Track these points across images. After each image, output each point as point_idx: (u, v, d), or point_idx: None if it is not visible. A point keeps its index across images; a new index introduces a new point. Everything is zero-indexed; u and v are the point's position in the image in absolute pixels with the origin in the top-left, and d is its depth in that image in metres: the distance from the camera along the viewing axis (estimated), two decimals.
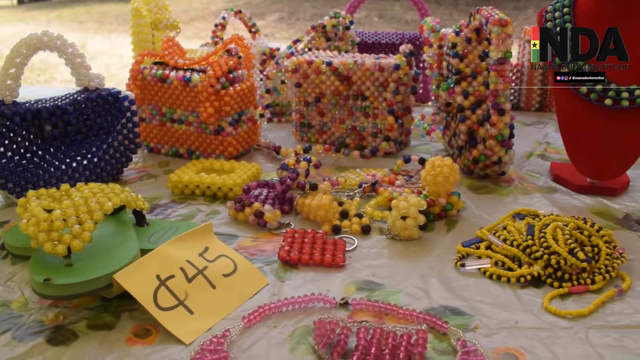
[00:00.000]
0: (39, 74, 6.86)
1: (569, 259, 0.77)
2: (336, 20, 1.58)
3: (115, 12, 13.09)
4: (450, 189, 0.97)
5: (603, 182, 1.09)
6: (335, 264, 0.84)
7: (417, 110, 1.67)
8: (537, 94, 1.68)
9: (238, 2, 13.03)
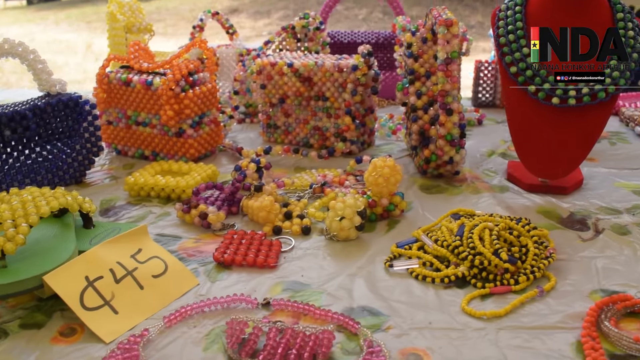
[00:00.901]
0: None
1: (493, 259, 0.77)
2: (305, 21, 1.59)
3: None
4: (392, 190, 0.98)
5: (554, 180, 1.09)
6: (266, 265, 0.85)
7: (388, 110, 1.67)
8: None
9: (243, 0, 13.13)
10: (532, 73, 1.05)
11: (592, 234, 0.93)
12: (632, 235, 0.92)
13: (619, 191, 1.11)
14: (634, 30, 1.06)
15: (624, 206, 1.03)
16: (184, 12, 12.22)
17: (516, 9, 1.11)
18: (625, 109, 1.63)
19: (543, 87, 1.04)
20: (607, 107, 1.04)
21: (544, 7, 1.09)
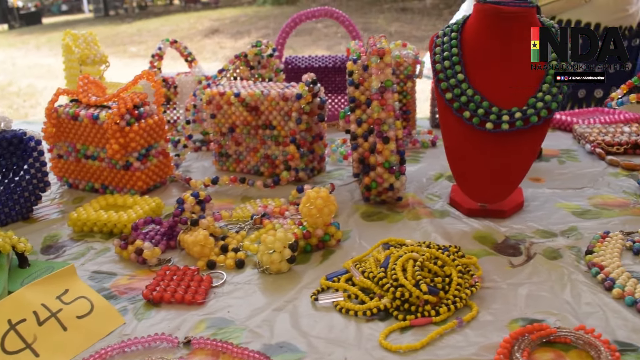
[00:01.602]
0: (24, 99, 6.93)
1: (414, 291, 0.77)
2: (258, 49, 1.60)
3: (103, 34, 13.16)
4: (327, 220, 0.98)
5: (492, 204, 1.10)
6: (194, 302, 0.85)
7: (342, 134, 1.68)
8: None
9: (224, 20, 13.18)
10: (466, 99, 1.06)
11: (524, 260, 0.93)
12: (563, 259, 0.93)
13: (559, 212, 1.11)
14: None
15: (560, 229, 1.04)
16: (165, 34, 12.26)
17: (452, 35, 1.12)
18: (578, 126, 1.65)
19: (477, 112, 1.05)
20: (540, 130, 1.05)
21: (479, 33, 1.10)
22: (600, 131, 1.59)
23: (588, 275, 0.88)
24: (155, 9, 19.73)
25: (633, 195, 1.19)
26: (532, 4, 1.08)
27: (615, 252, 0.93)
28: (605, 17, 2.08)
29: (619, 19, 2.10)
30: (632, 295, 0.80)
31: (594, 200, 1.17)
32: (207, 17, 13.98)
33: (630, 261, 0.92)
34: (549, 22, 1.11)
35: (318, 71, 1.87)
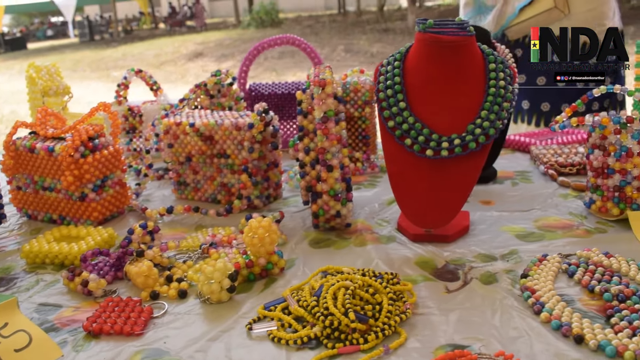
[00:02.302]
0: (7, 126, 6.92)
1: (343, 319, 0.79)
2: (217, 78, 1.62)
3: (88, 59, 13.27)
4: (269, 249, 1.00)
5: (437, 229, 1.12)
6: (132, 333, 0.86)
7: None
8: None
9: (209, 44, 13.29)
10: (408, 127, 1.09)
11: (460, 285, 0.95)
12: (498, 283, 0.94)
13: (503, 236, 1.13)
14: (505, 80, 1.10)
15: (501, 252, 1.06)
16: (150, 58, 12.37)
17: (395, 64, 1.15)
18: (535, 147, 1.67)
19: (418, 140, 1.07)
20: (479, 156, 1.08)
21: (420, 60, 1.13)
22: (556, 152, 1.62)
23: (520, 299, 0.89)
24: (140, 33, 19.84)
25: (579, 217, 1.21)
26: (471, 32, 1.10)
27: (550, 275, 0.95)
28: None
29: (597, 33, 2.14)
30: (559, 319, 0.82)
31: (540, 222, 1.19)
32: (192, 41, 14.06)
33: (565, 284, 0.94)
34: (488, 50, 1.14)
35: (282, 98, 1.89)
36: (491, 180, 1.50)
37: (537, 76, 2.20)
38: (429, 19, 1.12)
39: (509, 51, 1.48)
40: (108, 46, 15.48)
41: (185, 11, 23.19)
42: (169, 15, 22.93)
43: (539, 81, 2.19)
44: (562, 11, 2.08)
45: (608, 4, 2.17)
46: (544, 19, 2.11)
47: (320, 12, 23.61)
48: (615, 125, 1.15)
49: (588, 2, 2.12)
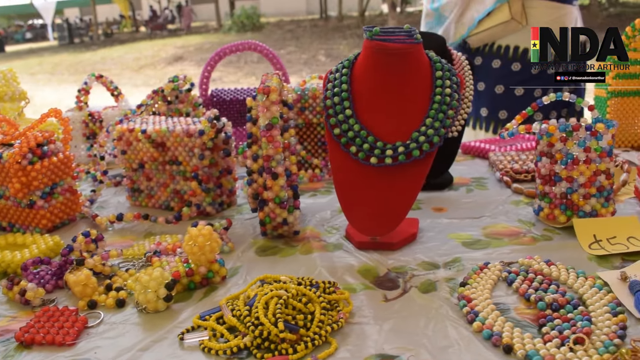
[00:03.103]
0: None
1: (272, 329, 0.78)
2: (174, 84, 1.61)
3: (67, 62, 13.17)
4: (210, 258, 0.99)
5: (383, 237, 1.11)
6: (64, 343, 0.85)
7: None
8: None
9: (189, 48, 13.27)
10: (353, 134, 1.09)
11: (399, 293, 0.95)
12: (437, 292, 0.94)
13: (449, 243, 1.13)
14: (451, 87, 1.10)
15: (444, 260, 1.06)
16: (129, 61, 12.31)
17: (343, 71, 1.14)
18: (493, 153, 1.68)
19: (363, 147, 1.07)
20: (423, 164, 1.08)
21: (367, 68, 1.13)
22: (513, 158, 1.62)
23: (456, 308, 0.89)
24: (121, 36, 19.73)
25: (527, 224, 1.21)
26: (418, 40, 1.10)
27: (489, 283, 0.95)
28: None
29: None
30: (491, 328, 0.82)
31: (488, 230, 1.20)
32: (172, 45, 14.01)
33: (504, 293, 0.94)
34: (436, 58, 1.14)
35: (244, 104, 1.89)
36: (447, 186, 1.50)
37: (495, 84, 2.22)
38: (376, 26, 1.12)
39: (465, 58, 1.49)
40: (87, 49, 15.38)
41: (166, 15, 23.12)
42: (150, 19, 22.83)
43: (497, 89, 2.21)
44: (519, 22, 2.10)
45: (569, 15, 2.20)
46: (502, 30, 2.13)
47: (301, 17, 23.63)
48: (561, 133, 1.16)
49: (548, 13, 2.14)
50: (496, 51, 2.21)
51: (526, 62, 2.18)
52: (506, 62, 2.20)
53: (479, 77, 2.26)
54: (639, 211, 1.28)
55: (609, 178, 1.17)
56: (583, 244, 1.10)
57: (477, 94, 2.27)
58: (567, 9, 2.19)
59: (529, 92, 2.18)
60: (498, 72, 2.22)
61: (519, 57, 2.18)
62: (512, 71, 2.20)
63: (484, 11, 2.14)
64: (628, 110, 1.82)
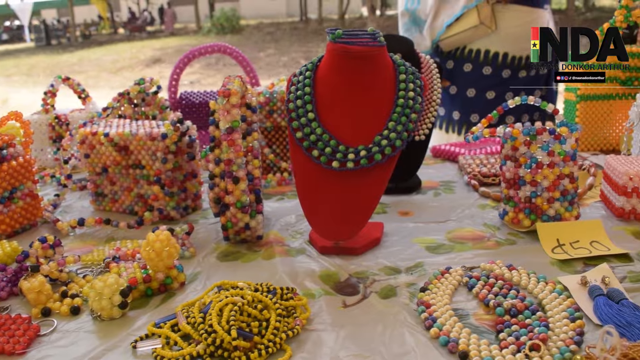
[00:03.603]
0: None
1: (225, 336, 0.77)
2: (140, 86, 1.59)
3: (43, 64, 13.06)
4: (168, 263, 0.97)
5: (346, 242, 1.10)
6: (14, 352, 0.83)
7: None
8: None
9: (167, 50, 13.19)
10: (315, 138, 1.07)
11: (359, 299, 0.94)
12: (397, 298, 0.93)
13: (413, 248, 1.13)
14: (415, 91, 1.10)
15: (407, 265, 1.05)
16: (107, 64, 12.21)
17: (306, 74, 1.13)
18: (462, 157, 1.68)
19: (325, 151, 1.06)
20: (385, 168, 1.07)
21: (331, 71, 1.11)
22: (482, 162, 1.62)
23: (415, 314, 0.88)
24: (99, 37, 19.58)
25: (492, 228, 1.21)
26: (382, 43, 1.10)
27: (449, 289, 0.94)
28: (512, 47, 2.15)
29: (526, 49, 2.16)
30: (448, 335, 0.81)
31: (452, 234, 1.19)
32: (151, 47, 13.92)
33: (464, 298, 0.94)
34: (400, 61, 1.14)
35: None
36: (414, 190, 1.49)
37: (467, 88, 2.23)
38: (339, 28, 1.11)
39: (434, 61, 1.49)
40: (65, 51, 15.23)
41: (145, 16, 22.98)
42: (128, 20, 22.69)
43: (468, 93, 2.21)
44: (489, 27, 2.10)
45: (541, 19, 2.20)
46: (472, 35, 2.14)
47: (281, 20, 23.61)
48: (525, 137, 1.15)
49: (518, 18, 2.15)
50: (467, 55, 2.21)
51: (497, 66, 2.18)
52: (477, 65, 2.20)
53: (451, 81, 2.27)
54: (604, 215, 1.28)
55: (573, 182, 1.17)
56: (546, 248, 1.10)
57: (449, 98, 2.27)
58: (538, 13, 2.20)
59: (500, 96, 2.19)
60: (470, 75, 2.23)
61: (490, 61, 2.18)
62: (483, 75, 2.21)
63: (453, 16, 2.14)
64: (597, 113, 1.82)
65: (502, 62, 2.17)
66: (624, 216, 1.24)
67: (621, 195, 1.23)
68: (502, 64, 2.17)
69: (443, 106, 2.31)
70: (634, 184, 1.21)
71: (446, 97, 2.28)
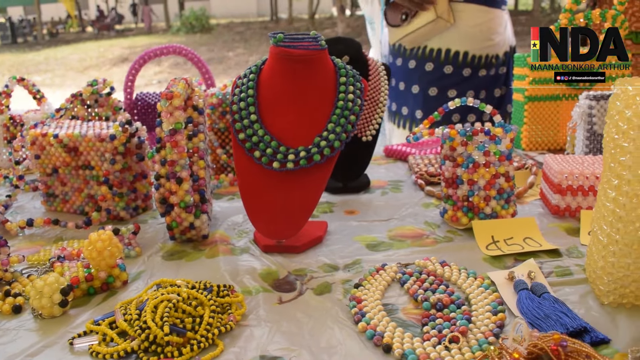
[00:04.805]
0: None
1: (158, 332, 0.80)
2: (93, 87, 1.60)
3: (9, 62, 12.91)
4: (110, 262, 0.99)
5: (287, 240, 1.13)
6: None
7: None
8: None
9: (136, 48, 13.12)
10: (257, 139, 1.10)
11: (295, 295, 0.97)
12: (331, 294, 0.97)
13: (354, 246, 1.16)
14: (354, 93, 1.13)
15: (345, 262, 1.08)
16: (73, 62, 12.10)
17: (250, 76, 1.16)
18: (412, 156, 1.72)
19: (266, 152, 1.09)
20: (325, 168, 1.10)
21: (273, 73, 1.14)
22: (430, 162, 1.66)
23: (347, 309, 0.92)
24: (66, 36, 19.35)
25: (432, 226, 1.25)
26: (323, 46, 1.13)
27: (382, 284, 0.98)
28: (472, 46, 2.20)
29: (485, 48, 2.22)
30: (375, 328, 0.84)
31: (393, 232, 1.23)
32: (119, 46, 13.81)
33: (396, 293, 0.97)
34: (341, 64, 1.17)
35: None
36: (363, 190, 1.53)
37: (429, 87, 2.27)
38: (282, 32, 1.14)
39: (382, 63, 1.53)
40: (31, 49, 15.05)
41: (113, 15, 22.77)
42: (96, 19, 22.45)
43: (430, 92, 2.25)
44: (447, 20, 2.15)
45: (498, 19, 2.26)
46: (432, 29, 2.18)
47: (252, 19, 23.56)
48: (462, 137, 1.20)
49: (475, 17, 2.20)
50: (429, 54, 2.25)
51: (457, 65, 2.23)
52: (439, 65, 2.25)
53: (413, 80, 2.31)
54: (541, 212, 1.32)
55: (509, 180, 1.22)
56: (481, 245, 1.14)
57: (411, 97, 2.32)
58: (496, 13, 2.25)
59: (462, 94, 2.24)
60: (431, 75, 2.27)
61: (450, 60, 2.23)
62: (444, 74, 2.26)
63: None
64: (544, 114, 1.88)
65: (462, 61, 2.22)
66: (559, 213, 1.29)
67: (556, 193, 1.28)
68: (463, 62, 2.22)
69: (406, 105, 2.35)
70: (569, 182, 1.26)
71: (409, 96, 2.32)
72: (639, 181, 0.81)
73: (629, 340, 0.80)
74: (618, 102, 0.83)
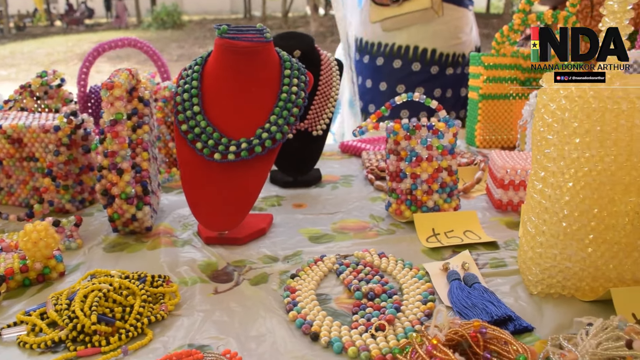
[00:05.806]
0: None
1: (86, 322, 0.79)
2: (43, 79, 1.59)
3: None
4: (46, 254, 0.99)
5: (230, 232, 1.14)
6: None
7: None
8: None
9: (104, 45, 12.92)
10: (200, 131, 1.10)
11: (231, 286, 0.97)
12: (267, 284, 0.97)
13: (297, 238, 1.17)
14: (299, 86, 1.14)
15: (286, 254, 1.09)
16: (40, 57, 11.95)
17: (195, 68, 1.16)
18: (365, 152, 1.73)
19: (208, 144, 1.09)
20: (266, 160, 1.10)
21: (218, 66, 1.14)
22: (382, 157, 1.68)
23: (280, 299, 0.92)
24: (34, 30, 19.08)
25: (377, 219, 1.26)
26: (268, 39, 1.13)
27: (319, 275, 0.99)
28: (440, 44, 2.23)
29: (453, 46, 2.25)
30: (305, 318, 0.85)
31: (337, 225, 1.24)
32: (88, 40, 13.65)
33: (331, 284, 0.98)
34: (286, 57, 1.17)
35: None
36: (314, 184, 1.54)
37: (397, 84, 2.29)
38: (227, 24, 1.14)
39: (334, 59, 1.53)
40: None
41: (83, 9, 22.49)
42: (65, 13, 22.15)
43: (398, 89, 2.28)
44: (436, 12, 2.18)
45: (465, 19, 2.29)
46: (419, 17, 2.21)
47: (225, 16, 23.46)
48: (405, 132, 1.21)
49: (446, 15, 2.23)
50: (397, 52, 2.27)
51: (425, 62, 2.26)
52: (407, 62, 2.27)
53: (379, 77, 2.33)
54: (485, 207, 1.34)
55: (452, 175, 1.23)
56: (421, 237, 1.16)
57: (379, 94, 2.34)
58: (463, 12, 2.28)
59: (429, 92, 2.26)
60: (399, 72, 2.29)
61: (418, 57, 2.26)
62: (412, 71, 2.28)
63: None
64: (497, 112, 1.90)
65: (430, 59, 2.24)
66: (501, 207, 1.30)
67: (499, 187, 1.30)
68: (431, 60, 2.24)
69: (373, 102, 2.37)
70: (511, 177, 1.28)
71: (376, 93, 2.34)
72: (562, 173, 0.83)
73: (552, 329, 0.82)
74: (544, 95, 0.85)
